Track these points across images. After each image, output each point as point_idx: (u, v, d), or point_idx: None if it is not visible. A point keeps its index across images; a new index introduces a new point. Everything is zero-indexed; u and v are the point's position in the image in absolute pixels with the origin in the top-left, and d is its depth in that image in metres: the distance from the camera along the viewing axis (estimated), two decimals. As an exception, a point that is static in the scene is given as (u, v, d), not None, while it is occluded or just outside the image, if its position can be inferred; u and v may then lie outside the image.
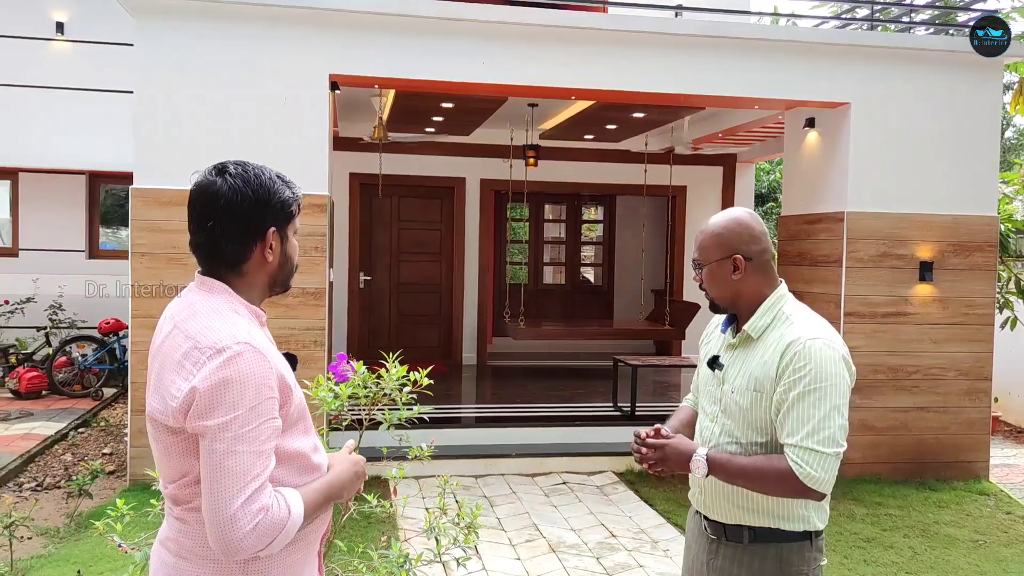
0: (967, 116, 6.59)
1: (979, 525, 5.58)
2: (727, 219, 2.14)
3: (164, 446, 1.61)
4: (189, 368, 1.54)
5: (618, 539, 5.11)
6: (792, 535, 2.06)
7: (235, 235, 1.64)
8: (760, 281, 2.11)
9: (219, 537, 1.50)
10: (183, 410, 1.53)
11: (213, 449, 1.51)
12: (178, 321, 1.62)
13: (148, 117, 5.63)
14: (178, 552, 1.66)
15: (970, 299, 6.63)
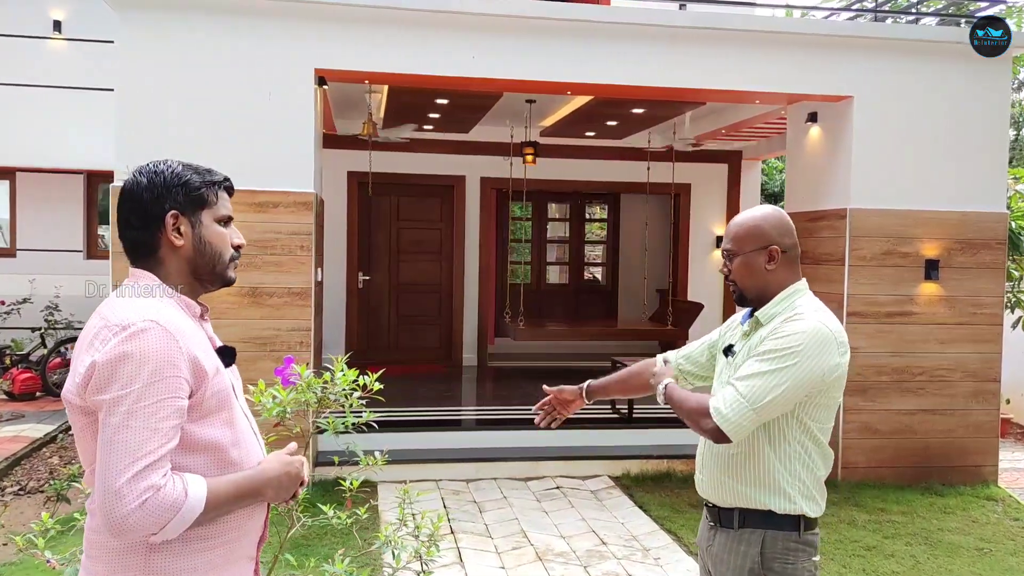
0: (975, 109, 6.39)
1: (985, 532, 5.38)
2: (765, 211, 2.22)
3: (78, 429, 1.60)
4: (97, 346, 1.54)
5: (608, 547, 4.95)
6: (778, 520, 2.09)
7: (135, 222, 1.69)
8: (787, 275, 2.18)
9: (105, 513, 1.46)
10: (83, 385, 1.52)
11: (106, 423, 1.49)
12: (100, 308, 1.64)
13: (130, 113, 5.53)
14: (88, 551, 1.61)
15: (978, 298, 6.43)
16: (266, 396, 2.26)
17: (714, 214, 10.81)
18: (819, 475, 2.16)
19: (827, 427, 2.15)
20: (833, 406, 2.15)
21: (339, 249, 9.69)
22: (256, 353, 5.64)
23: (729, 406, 2.04)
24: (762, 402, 2.02)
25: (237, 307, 5.63)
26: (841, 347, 2.09)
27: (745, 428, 2.04)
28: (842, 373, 2.11)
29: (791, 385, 2.02)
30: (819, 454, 2.14)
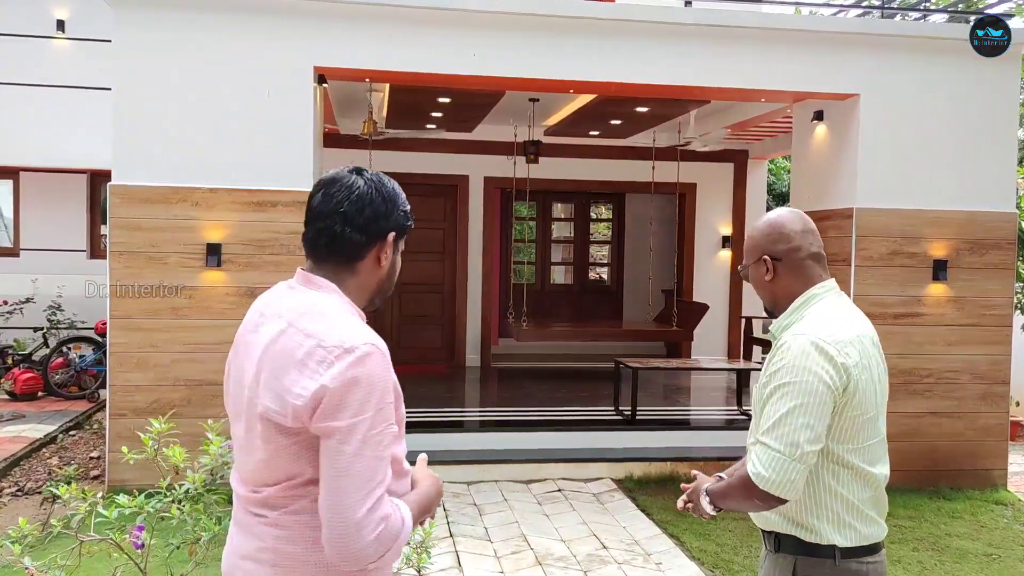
0: (983, 107, 6.29)
1: (994, 538, 5.29)
2: (760, 221, 2.14)
3: (274, 447, 1.53)
4: (314, 367, 1.48)
5: (609, 551, 4.88)
6: (808, 547, 1.98)
7: (361, 227, 1.61)
8: (792, 281, 2.06)
9: (341, 545, 1.45)
10: (309, 409, 1.47)
11: (340, 451, 1.45)
12: (292, 319, 1.56)
13: (127, 112, 5.49)
14: (276, 561, 1.56)
15: (987, 299, 6.33)
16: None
17: (720, 214, 10.72)
18: (858, 499, 1.98)
19: (861, 446, 1.97)
20: (858, 422, 1.96)
21: (342, 249, 9.62)
22: (255, 354, 5.59)
23: (768, 467, 1.89)
24: (800, 449, 1.87)
25: (235, 307, 5.58)
26: (848, 358, 1.91)
27: (796, 482, 1.89)
28: (854, 388, 1.92)
29: (817, 416, 1.88)
30: (854, 477, 1.97)
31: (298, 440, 1.51)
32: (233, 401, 1.66)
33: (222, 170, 5.56)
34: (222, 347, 5.59)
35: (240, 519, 1.63)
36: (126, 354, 5.48)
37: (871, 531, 1.98)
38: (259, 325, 1.63)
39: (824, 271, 2.09)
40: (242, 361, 1.62)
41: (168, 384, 5.52)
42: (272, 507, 1.56)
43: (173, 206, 5.50)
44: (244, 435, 1.60)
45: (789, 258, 2.07)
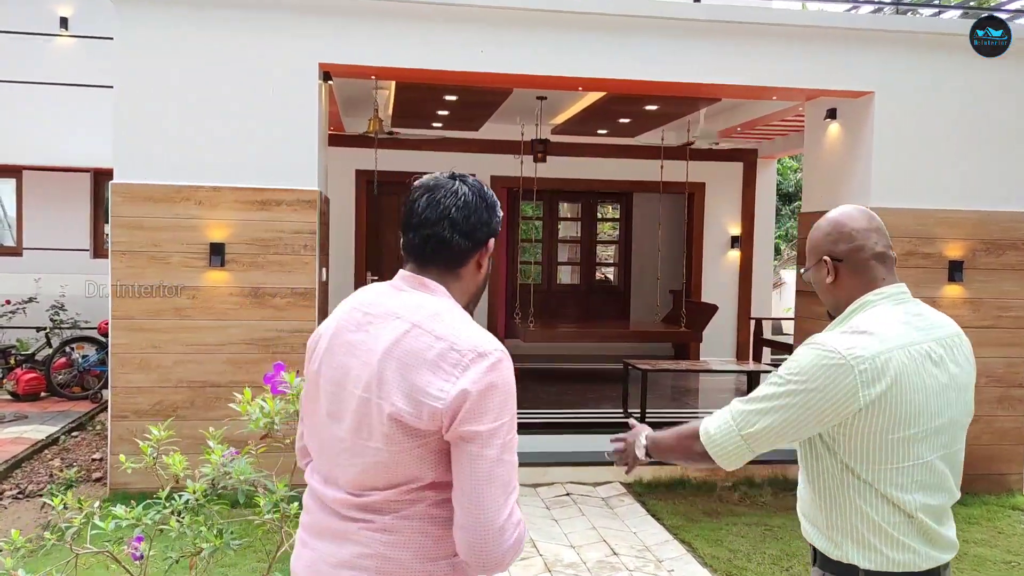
0: (1000, 105, 6.18)
1: (1012, 544, 5.18)
2: (822, 220, 1.99)
3: (398, 449, 1.48)
4: (448, 370, 1.47)
5: (620, 557, 4.78)
6: (833, 564, 1.86)
7: (467, 233, 1.61)
8: (856, 284, 1.91)
9: (483, 549, 1.44)
10: (450, 413, 1.45)
11: (482, 456, 1.45)
12: (416, 320, 1.53)
13: (129, 109, 5.40)
14: (381, 568, 1.50)
15: (1003, 301, 6.22)
16: (253, 406, 2.11)
17: (728, 213, 10.61)
18: (887, 522, 1.81)
19: (888, 467, 1.80)
20: (886, 446, 1.79)
21: (347, 249, 9.55)
22: (259, 355, 5.51)
23: (718, 428, 1.87)
24: (750, 429, 1.82)
25: (239, 307, 5.49)
26: (865, 377, 1.75)
27: (732, 454, 1.86)
28: (866, 407, 1.75)
29: (789, 418, 1.79)
30: (880, 499, 1.81)
31: (425, 443, 1.48)
32: (329, 401, 1.59)
33: (226, 168, 5.47)
34: (225, 348, 5.53)
35: (330, 525, 1.56)
36: (128, 355, 5.40)
37: (904, 558, 1.80)
38: (364, 325, 1.58)
39: (888, 273, 1.94)
40: (343, 360, 1.58)
41: (171, 386, 5.43)
42: (381, 511, 1.51)
43: (176, 205, 5.41)
44: (351, 437, 1.53)
45: (853, 259, 1.92)
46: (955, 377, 1.86)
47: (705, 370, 8.23)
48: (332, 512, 1.56)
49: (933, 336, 1.86)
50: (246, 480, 2.04)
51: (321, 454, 1.62)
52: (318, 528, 1.58)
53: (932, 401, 1.80)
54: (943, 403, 1.82)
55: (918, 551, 1.81)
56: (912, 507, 1.80)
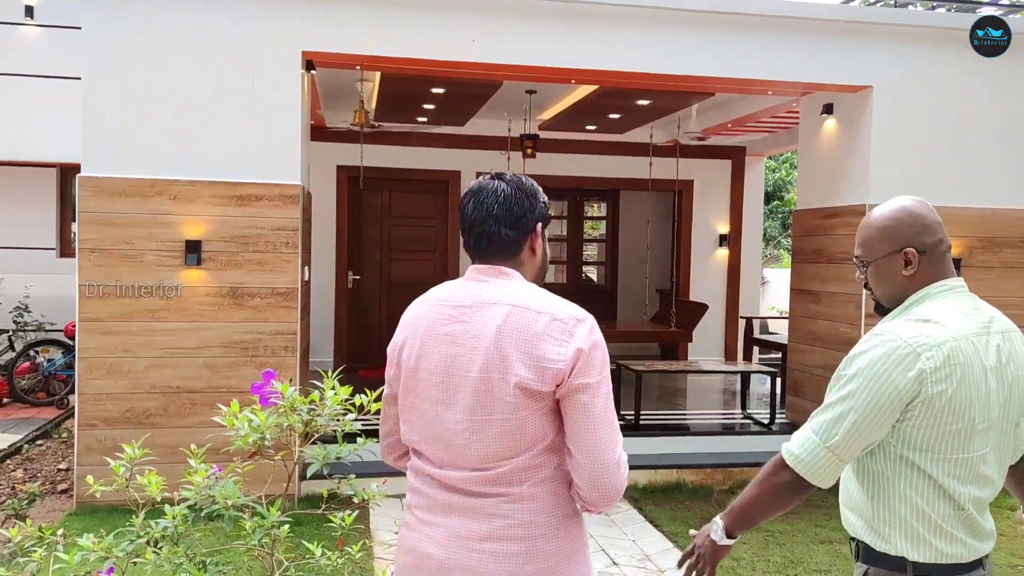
0: (999, 101, 6.06)
1: (1015, 547, 5.05)
2: (895, 208, 1.94)
3: (525, 414, 1.67)
4: (559, 337, 1.67)
5: (620, 567, 4.57)
6: (879, 556, 1.86)
7: (512, 224, 1.80)
8: (930, 276, 1.91)
9: (604, 484, 1.67)
10: (568, 370, 1.65)
11: (594, 404, 1.67)
12: (513, 302, 1.72)
13: (99, 101, 5.11)
14: (529, 535, 1.69)
15: (1000, 299, 6.01)
16: (240, 420, 1.86)
17: (717, 211, 10.45)
18: (938, 513, 1.81)
19: (946, 457, 1.80)
20: (946, 436, 1.79)
21: (328, 247, 9.26)
22: (237, 359, 5.23)
23: (801, 446, 1.84)
24: (834, 439, 1.80)
25: (216, 308, 5.21)
26: (932, 364, 1.75)
27: (823, 469, 1.82)
28: (932, 395, 1.76)
29: (866, 417, 1.77)
30: (933, 490, 1.81)
31: (544, 405, 1.68)
32: (438, 390, 1.74)
33: (202, 162, 5.19)
34: (201, 352, 5.23)
35: (460, 503, 1.71)
36: (96, 359, 5.09)
37: (954, 551, 1.82)
38: (458, 318, 1.75)
39: (952, 269, 1.93)
40: (445, 350, 1.74)
41: (143, 392, 5.14)
42: (515, 482, 1.69)
43: (149, 200, 5.11)
44: (468, 416, 1.69)
45: (934, 251, 1.90)
46: (1009, 371, 1.86)
47: (700, 371, 8.04)
48: (457, 491, 1.71)
49: (993, 329, 1.87)
50: (233, 505, 1.79)
51: (432, 442, 1.75)
52: (443, 507, 1.73)
53: (991, 393, 1.82)
54: (999, 396, 1.84)
55: (966, 543, 1.83)
56: (964, 499, 1.81)
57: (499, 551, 1.68)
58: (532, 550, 1.69)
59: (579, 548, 1.77)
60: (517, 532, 1.68)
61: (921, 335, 1.78)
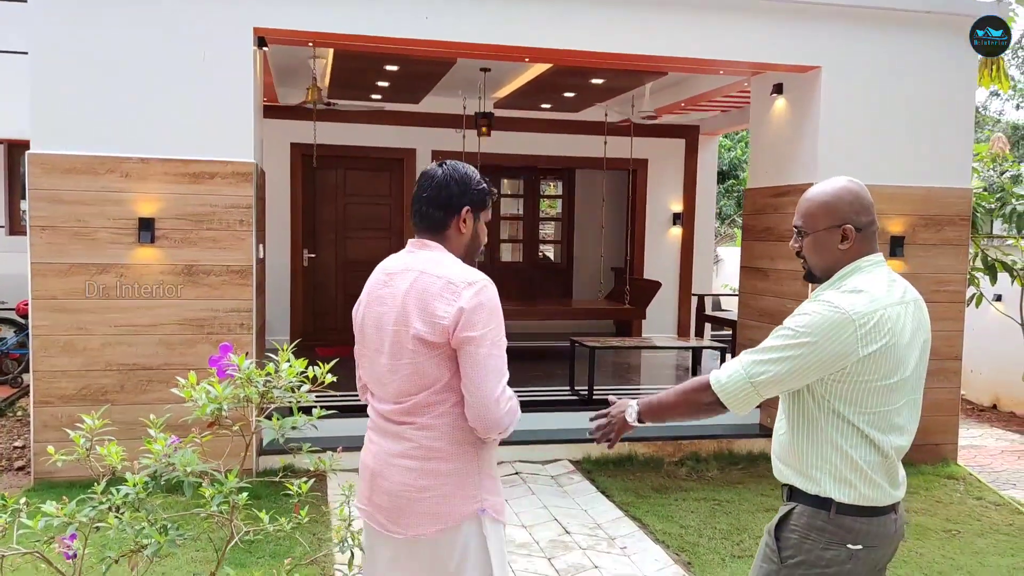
0: (942, 83, 6.26)
1: (951, 513, 5.30)
2: (839, 186, 2.14)
3: (423, 359, 2.07)
4: (450, 297, 2.05)
5: (572, 536, 4.72)
6: (808, 497, 2.08)
7: (440, 206, 2.17)
8: (860, 251, 2.12)
9: (485, 415, 2.05)
10: (452, 325, 2.03)
11: (477, 353, 2.04)
12: (422, 268, 2.12)
13: (47, 77, 5.04)
14: (426, 456, 2.10)
15: (941, 275, 6.33)
16: (199, 391, 1.92)
17: (671, 190, 10.62)
18: (863, 460, 2.03)
19: (871, 411, 2.03)
20: (873, 392, 2.01)
21: (282, 225, 9.23)
22: (192, 336, 5.24)
23: (729, 377, 2.08)
24: (760, 378, 2.03)
25: (171, 286, 5.20)
26: (864, 331, 1.97)
27: (742, 399, 2.06)
28: (863, 357, 1.97)
29: (795, 368, 2.00)
30: (861, 439, 2.03)
31: (440, 352, 2.06)
32: (372, 341, 2.17)
33: (154, 139, 5.15)
34: (157, 329, 5.23)
35: (385, 428, 2.16)
36: (51, 337, 5.07)
37: (873, 494, 2.04)
38: (388, 283, 2.17)
39: (876, 243, 2.16)
40: (377, 310, 2.16)
41: (99, 369, 5.13)
42: (419, 413, 2.10)
43: (100, 177, 5.07)
44: (389, 361, 2.11)
45: (867, 230, 2.12)
46: (919, 334, 2.11)
47: (653, 347, 8.22)
48: (386, 419, 2.15)
49: (906, 298, 2.10)
50: (193, 472, 1.85)
51: (373, 381, 2.19)
52: (380, 430, 2.17)
53: (907, 354, 2.05)
54: (913, 356, 2.08)
55: (884, 488, 2.06)
56: (888, 447, 2.04)
57: (405, 466, 2.10)
58: (427, 468, 2.08)
59: (473, 472, 2.12)
60: (418, 453, 2.09)
61: (856, 304, 1.99)
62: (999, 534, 4.93)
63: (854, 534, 2.04)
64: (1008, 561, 4.51)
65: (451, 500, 2.09)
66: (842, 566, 2.04)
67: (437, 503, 2.09)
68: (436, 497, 2.09)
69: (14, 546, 1.87)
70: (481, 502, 2.13)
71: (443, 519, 2.09)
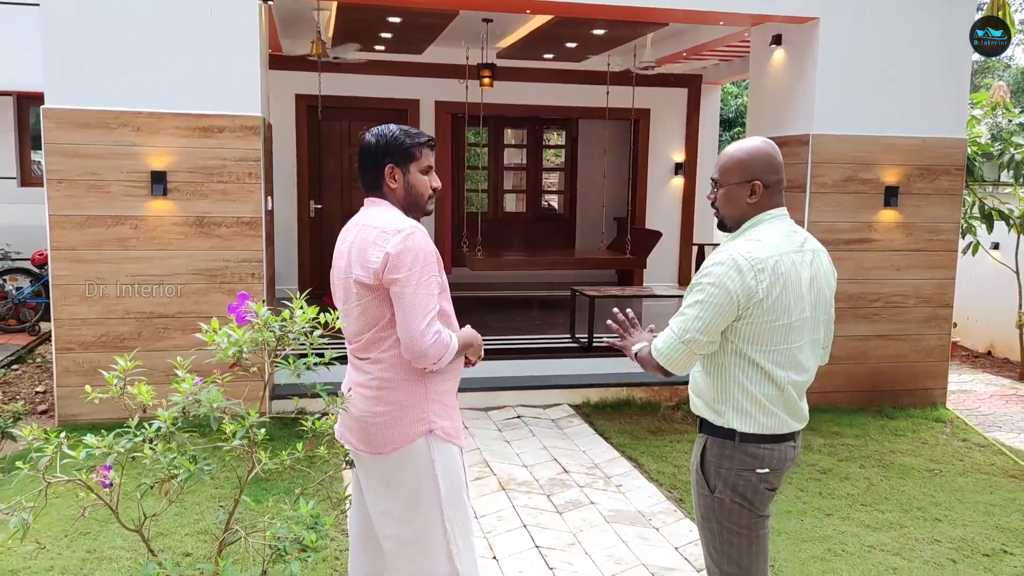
0: (939, 33, 6.30)
1: (935, 454, 5.52)
2: (754, 146, 2.36)
3: (366, 301, 2.37)
4: (380, 244, 2.32)
5: (570, 475, 4.96)
6: (715, 429, 2.36)
7: (367, 167, 2.49)
8: (765, 206, 2.35)
9: (412, 347, 2.31)
10: (381, 269, 2.30)
11: (404, 293, 2.30)
12: (363, 222, 2.43)
13: (59, 30, 5.15)
14: (379, 386, 2.41)
15: (935, 225, 6.47)
16: (220, 335, 2.11)
17: (673, 140, 10.68)
18: (763, 394, 2.30)
19: (769, 349, 2.28)
20: (772, 331, 2.27)
21: (288, 177, 9.36)
22: (205, 285, 5.44)
23: (664, 343, 2.33)
24: (687, 335, 2.27)
25: (183, 237, 5.38)
26: (759, 274, 2.22)
27: (679, 359, 2.31)
28: (762, 298, 2.22)
29: (711, 315, 2.24)
30: (761, 375, 2.30)
31: (378, 295, 2.35)
32: (337, 290, 2.50)
33: (164, 93, 5.28)
34: (172, 279, 5.44)
35: (352, 363, 2.50)
36: (70, 286, 5.27)
37: (771, 423, 2.32)
38: (344, 238, 2.49)
39: (782, 200, 2.40)
40: (337, 263, 2.48)
41: (116, 317, 5.34)
42: (372, 349, 2.41)
43: (113, 131, 5.22)
44: (344, 307, 2.43)
45: (774, 187, 2.35)
46: (817, 280, 2.36)
47: (653, 295, 8.40)
48: (353, 355, 2.49)
49: (805, 248, 2.36)
50: (218, 408, 2.06)
51: (343, 324, 2.41)
52: (351, 364, 2.50)
53: (804, 296, 2.30)
54: (810, 300, 2.32)
55: (782, 419, 2.33)
56: (784, 382, 2.30)
57: (364, 394, 2.42)
58: (381, 396, 2.40)
59: (420, 398, 2.41)
60: (373, 383, 2.42)
61: (754, 252, 2.24)
62: (980, 473, 5.16)
63: (759, 459, 2.32)
64: (985, 498, 4.74)
65: (401, 423, 2.39)
66: (756, 488, 2.33)
67: (391, 426, 2.39)
68: (389, 420, 2.39)
69: (58, 475, 2.08)
70: (430, 424, 2.41)
71: (396, 440, 2.39)
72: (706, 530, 2.44)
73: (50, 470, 2.07)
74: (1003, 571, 3.84)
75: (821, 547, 4.03)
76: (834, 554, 3.96)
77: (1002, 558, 3.98)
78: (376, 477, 2.48)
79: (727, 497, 2.35)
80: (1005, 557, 3.99)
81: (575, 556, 3.91)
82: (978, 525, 4.35)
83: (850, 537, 4.15)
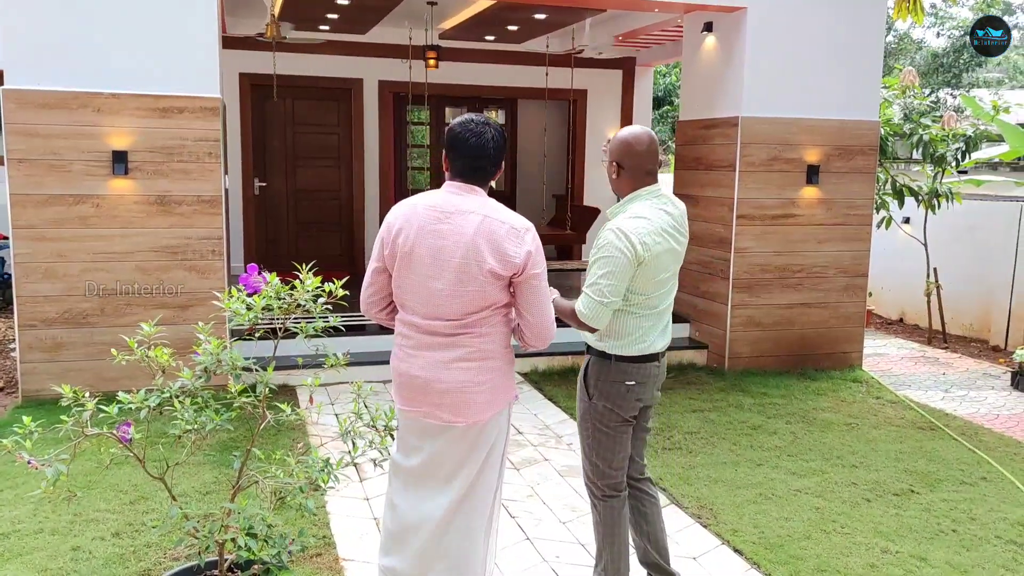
0: (855, 21, 6.79)
1: (852, 410, 6.06)
2: (621, 134, 2.96)
3: (491, 288, 2.53)
4: (516, 240, 2.52)
5: (524, 435, 5.32)
6: (598, 353, 2.97)
7: (497, 162, 2.63)
8: (628, 184, 2.93)
9: (544, 333, 2.62)
10: (523, 265, 2.52)
11: (540, 287, 2.58)
12: (485, 212, 2.54)
13: (19, 13, 5.18)
14: (482, 356, 2.59)
15: (851, 201, 7.00)
16: (238, 302, 2.37)
17: (608, 120, 11.07)
18: (636, 327, 2.91)
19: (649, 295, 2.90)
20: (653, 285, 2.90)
21: (233, 155, 9.41)
22: (167, 262, 5.58)
23: (586, 307, 2.82)
24: (606, 299, 2.80)
25: (145, 215, 5.51)
26: (643, 246, 2.78)
27: (602, 318, 2.82)
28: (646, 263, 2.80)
29: (617, 278, 2.79)
30: (629, 314, 2.92)
31: (503, 282, 2.54)
32: (427, 267, 2.53)
33: (124, 74, 5.38)
34: (133, 256, 5.58)
35: (433, 342, 2.59)
36: (32, 264, 5.35)
37: (640, 347, 2.94)
38: (444, 219, 2.54)
39: (653, 180, 2.95)
40: (434, 242, 2.52)
41: (79, 294, 5.44)
42: (479, 325, 2.57)
43: (74, 112, 5.30)
44: (451, 287, 2.52)
45: (633, 170, 2.92)
46: (679, 243, 2.97)
47: (590, 269, 8.74)
48: (437, 334, 2.59)
49: (674, 217, 2.95)
50: (239, 367, 2.32)
51: (420, 302, 2.58)
52: (426, 343, 2.60)
53: (670, 257, 2.92)
54: (672, 260, 2.94)
55: (650, 342, 2.96)
56: (660, 313, 2.98)
57: (465, 367, 2.58)
58: (484, 366, 2.60)
59: (511, 368, 2.72)
60: (476, 355, 2.60)
61: (638, 227, 2.81)
62: (891, 426, 5.71)
63: (628, 374, 2.93)
64: (896, 447, 5.28)
65: (499, 390, 2.65)
66: (624, 396, 2.94)
67: (492, 393, 2.62)
68: (490, 388, 2.61)
69: (92, 428, 2.32)
70: (516, 390, 2.77)
71: (495, 405, 2.65)
72: (583, 429, 3.04)
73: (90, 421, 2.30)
74: (910, 507, 4.36)
75: (754, 492, 4.48)
76: (765, 498, 4.42)
77: (909, 496, 4.50)
78: (464, 446, 2.65)
79: (600, 403, 2.95)
80: (912, 496, 4.51)
81: (534, 506, 4.28)
82: (889, 470, 4.88)
83: (779, 483, 4.62)
